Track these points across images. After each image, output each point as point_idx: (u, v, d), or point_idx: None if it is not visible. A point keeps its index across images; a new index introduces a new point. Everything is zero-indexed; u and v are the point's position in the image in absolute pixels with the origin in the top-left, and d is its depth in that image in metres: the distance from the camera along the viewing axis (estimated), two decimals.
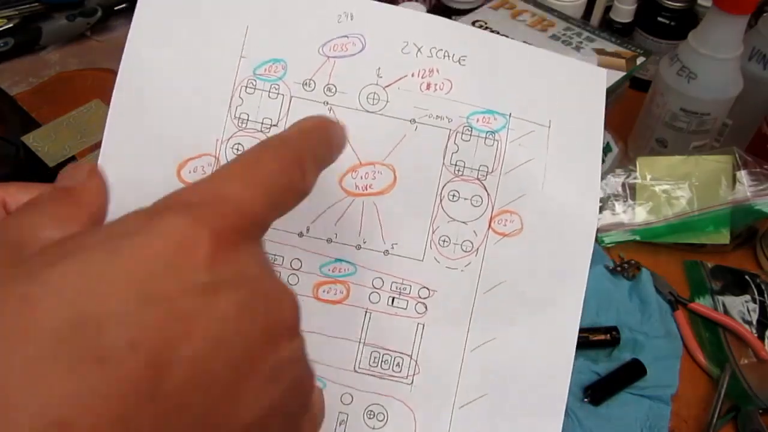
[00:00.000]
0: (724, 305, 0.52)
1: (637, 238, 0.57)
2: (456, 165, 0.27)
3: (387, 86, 0.27)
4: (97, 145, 0.26)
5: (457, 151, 0.27)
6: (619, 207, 0.58)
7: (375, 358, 0.27)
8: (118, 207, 0.26)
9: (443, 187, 0.27)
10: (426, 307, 0.27)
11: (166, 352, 0.13)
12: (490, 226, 0.27)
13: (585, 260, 0.28)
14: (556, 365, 0.27)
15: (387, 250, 0.27)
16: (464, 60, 0.28)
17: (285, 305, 0.17)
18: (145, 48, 0.27)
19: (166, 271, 0.14)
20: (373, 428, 0.26)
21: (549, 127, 0.28)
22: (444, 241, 0.27)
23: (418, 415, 0.26)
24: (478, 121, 0.28)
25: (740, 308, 0.52)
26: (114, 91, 0.26)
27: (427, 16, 0.28)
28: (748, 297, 0.53)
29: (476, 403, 0.27)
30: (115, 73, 0.27)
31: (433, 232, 0.27)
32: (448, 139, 0.27)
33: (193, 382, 0.14)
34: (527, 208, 0.27)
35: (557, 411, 0.26)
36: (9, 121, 0.65)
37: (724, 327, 0.51)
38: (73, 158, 0.60)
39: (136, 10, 0.27)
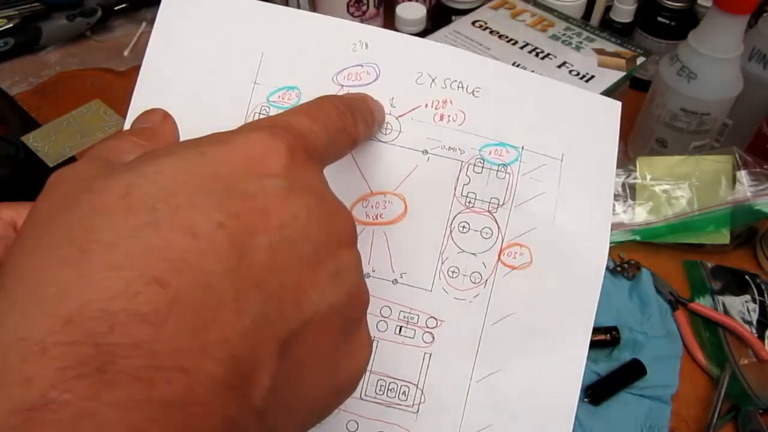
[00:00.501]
0: (724, 305, 0.52)
1: (637, 238, 0.57)
2: (467, 197, 0.27)
3: (400, 116, 0.27)
4: None
5: (468, 183, 0.27)
6: (619, 207, 0.58)
7: (381, 386, 0.27)
8: None
9: (454, 218, 0.27)
10: (433, 337, 0.27)
11: (246, 236, 0.15)
12: (499, 258, 0.27)
13: (594, 294, 0.27)
14: (562, 398, 0.27)
15: (396, 279, 0.27)
16: (478, 92, 0.28)
17: (345, 218, 0.19)
18: (160, 72, 0.27)
19: (248, 172, 0.16)
20: None
21: (561, 160, 0.28)
22: (453, 272, 0.27)
23: None
24: (490, 153, 0.28)
25: (740, 308, 0.52)
26: (127, 117, 0.26)
27: (443, 47, 0.28)
28: (748, 297, 0.53)
29: None
30: (115, 73, 0.27)
31: (443, 263, 0.27)
32: (460, 171, 0.27)
33: (267, 266, 0.15)
34: (537, 241, 0.27)
35: None
36: (9, 121, 0.65)
37: (724, 327, 0.51)
38: (73, 158, 0.60)
39: (152, 34, 0.27)
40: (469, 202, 0.27)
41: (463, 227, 0.27)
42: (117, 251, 0.14)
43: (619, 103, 0.29)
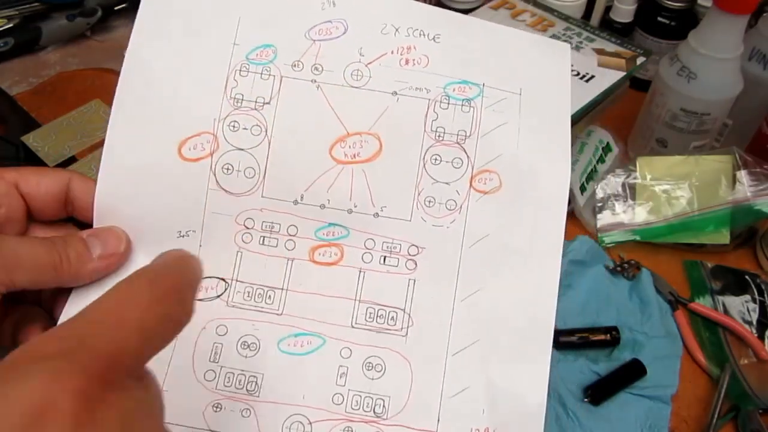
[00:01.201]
0: (724, 305, 0.52)
1: (637, 238, 0.57)
2: (436, 131, 0.30)
3: (369, 63, 0.30)
4: (97, 145, 0.27)
5: (436, 119, 0.30)
6: (619, 207, 0.58)
7: (370, 313, 0.29)
8: (126, 186, 0.28)
9: (426, 151, 0.30)
10: (416, 264, 0.29)
11: None
12: (471, 185, 0.30)
13: (561, 210, 0.30)
14: (541, 310, 0.29)
15: (377, 213, 0.29)
16: (438, 38, 0.30)
17: None
18: (148, 42, 0.29)
19: None
20: (372, 379, 0.28)
21: (520, 94, 0.31)
22: (429, 201, 0.29)
23: (414, 364, 0.28)
24: (454, 90, 0.30)
25: (740, 308, 0.52)
26: (119, 79, 0.28)
27: (403, 1, 0.31)
28: (748, 297, 0.53)
29: (468, 350, 0.28)
30: (115, 72, 0.28)
31: (419, 194, 0.29)
32: (428, 108, 0.30)
33: None
34: (504, 166, 0.30)
35: (544, 352, 0.28)
36: (9, 121, 0.65)
37: (724, 327, 0.51)
38: (73, 158, 0.60)
39: (140, 9, 0.29)
40: (439, 136, 0.30)
41: (435, 159, 0.30)
42: None
43: (568, 45, 0.32)
